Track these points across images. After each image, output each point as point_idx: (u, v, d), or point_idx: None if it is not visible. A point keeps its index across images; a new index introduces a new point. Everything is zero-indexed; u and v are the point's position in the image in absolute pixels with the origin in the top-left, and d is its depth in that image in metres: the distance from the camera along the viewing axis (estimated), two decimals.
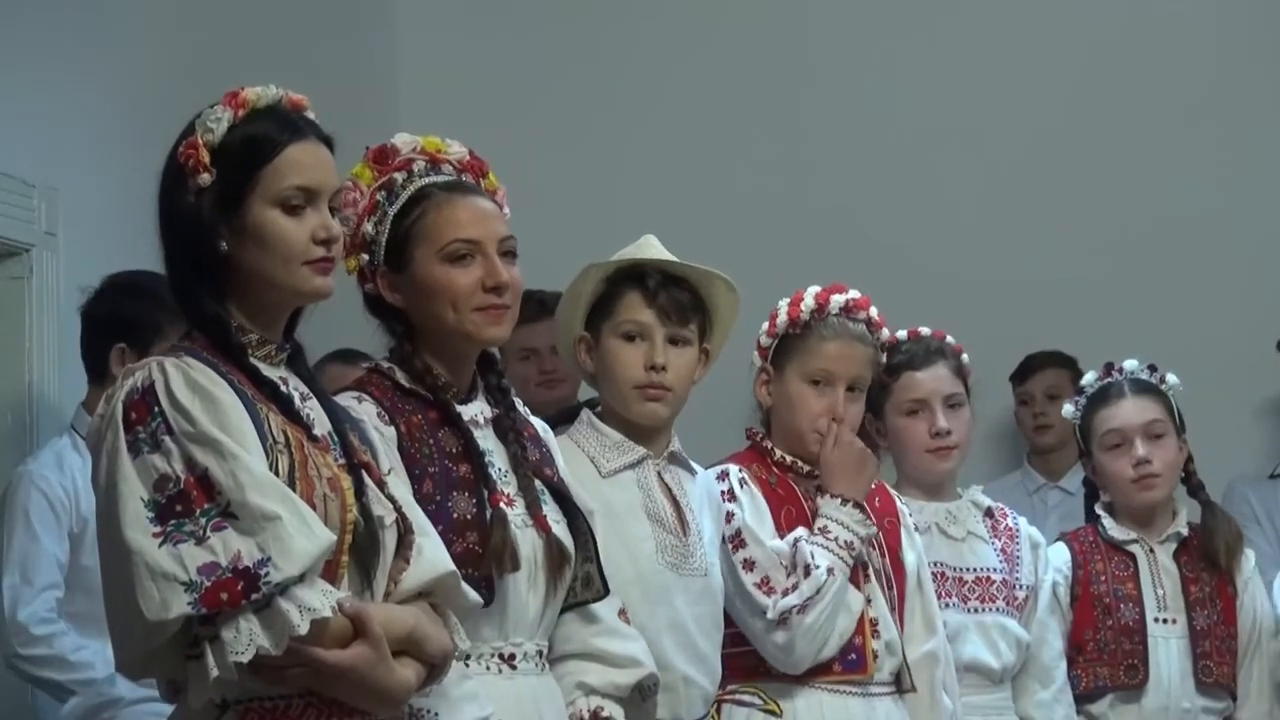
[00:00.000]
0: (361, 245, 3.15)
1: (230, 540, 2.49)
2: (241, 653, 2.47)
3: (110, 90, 5.07)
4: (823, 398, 3.83)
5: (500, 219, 3.18)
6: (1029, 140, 6.41)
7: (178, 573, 2.47)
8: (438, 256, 3.11)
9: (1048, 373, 6.13)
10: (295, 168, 2.69)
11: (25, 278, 4.82)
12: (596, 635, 3.19)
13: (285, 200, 2.68)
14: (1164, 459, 4.38)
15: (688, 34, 6.63)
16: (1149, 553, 4.39)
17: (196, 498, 2.51)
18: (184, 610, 2.46)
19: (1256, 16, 6.42)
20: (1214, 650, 4.32)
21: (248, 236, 2.67)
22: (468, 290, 3.10)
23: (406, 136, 3.22)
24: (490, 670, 3.04)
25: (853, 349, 3.85)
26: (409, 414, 3.07)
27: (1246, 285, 6.25)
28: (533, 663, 3.09)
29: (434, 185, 3.17)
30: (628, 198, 6.33)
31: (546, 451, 3.25)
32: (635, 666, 3.22)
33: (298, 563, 2.50)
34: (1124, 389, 4.43)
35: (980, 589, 4.16)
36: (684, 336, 3.60)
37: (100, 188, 4.91)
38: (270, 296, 2.72)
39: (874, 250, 6.13)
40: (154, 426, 2.56)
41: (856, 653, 3.74)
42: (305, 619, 2.49)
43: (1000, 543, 4.24)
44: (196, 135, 2.68)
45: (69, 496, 4.26)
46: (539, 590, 3.08)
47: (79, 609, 4.21)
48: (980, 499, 4.28)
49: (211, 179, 2.66)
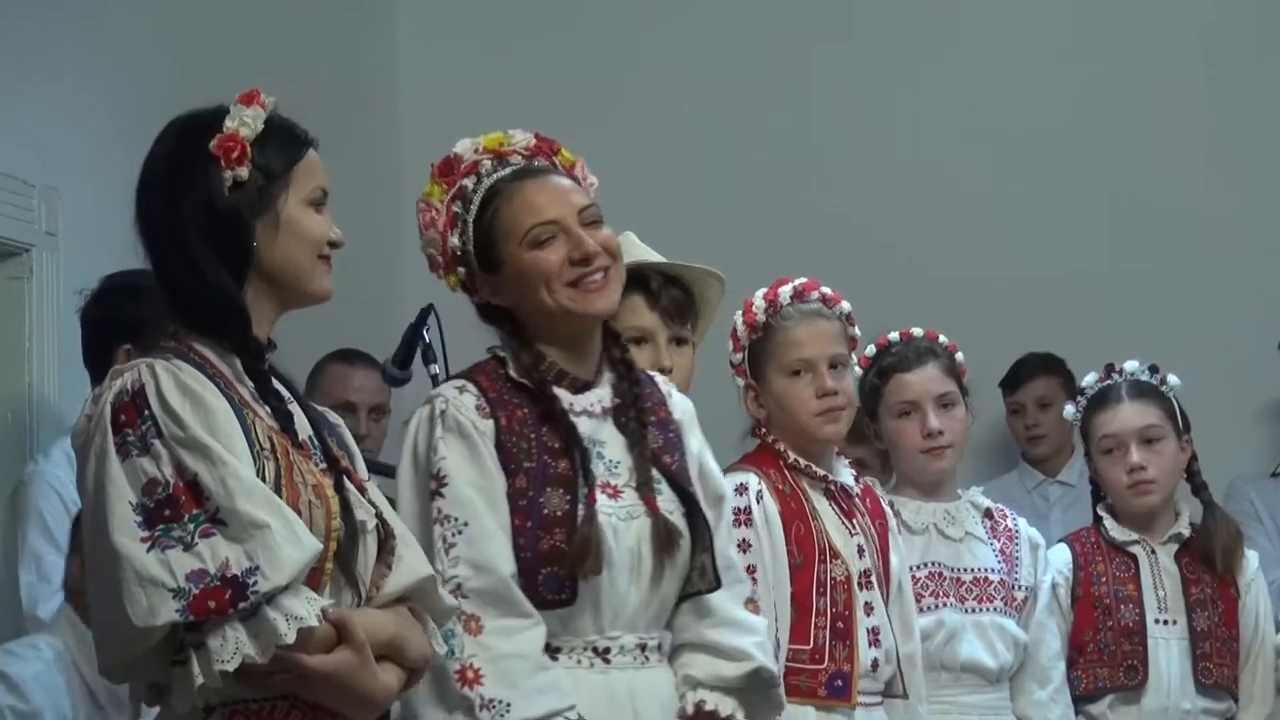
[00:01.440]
0: (454, 260, 3.14)
1: (219, 547, 2.49)
2: (227, 661, 2.47)
3: (110, 91, 5.07)
4: (810, 384, 3.80)
5: (575, 191, 3.16)
6: (1028, 141, 6.40)
7: (165, 579, 2.47)
8: (523, 245, 3.10)
9: (1038, 381, 6.12)
10: (317, 169, 2.75)
11: (25, 278, 4.82)
12: (709, 626, 3.17)
13: (313, 199, 2.73)
14: (1160, 465, 4.37)
15: (688, 37, 6.62)
16: (1150, 554, 4.39)
17: (185, 503, 2.51)
18: (171, 618, 2.46)
19: (1255, 16, 6.42)
20: (1214, 652, 4.32)
21: (280, 230, 2.69)
22: (556, 268, 3.08)
23: (467, 141, 3.20)
24: (582, 664, 3.03)
25: (817, 327, 3.82)
26: (514, 407, 3.07)
27: (1247, 286, 6.24)
28: (630, 656, 3.08)
29: (503, 179, 3.15)
30: (628, 199, 6.31)
31: (674, 436, 3.21)
32: (745, 660, 3.17)
33: (285, 572, 2.49)
34: (1121, 393, 4.41)
35: (978, 589, 4.15)
36: (684, 336, 3.62)
37: (100, 188, 4.91)
38: (279, 294, 2.72)
39: (873, 251, 6.13)
40: (144, 430, 2.55)
41: (844, 679, 3.72)
42: (292, 628, 2.49)
43: (999, 543, 4.24)
44: (233, 128, 2.67)
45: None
46: (642, 582, 3.07)
47: None
48: (980, 500, 4.28)
49: (248, 173, 2.67)
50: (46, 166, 4.81)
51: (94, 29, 5.04)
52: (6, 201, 4.73)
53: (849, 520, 3.82)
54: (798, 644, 3.67)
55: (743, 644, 3.18)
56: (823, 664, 3.69)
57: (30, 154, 4.76)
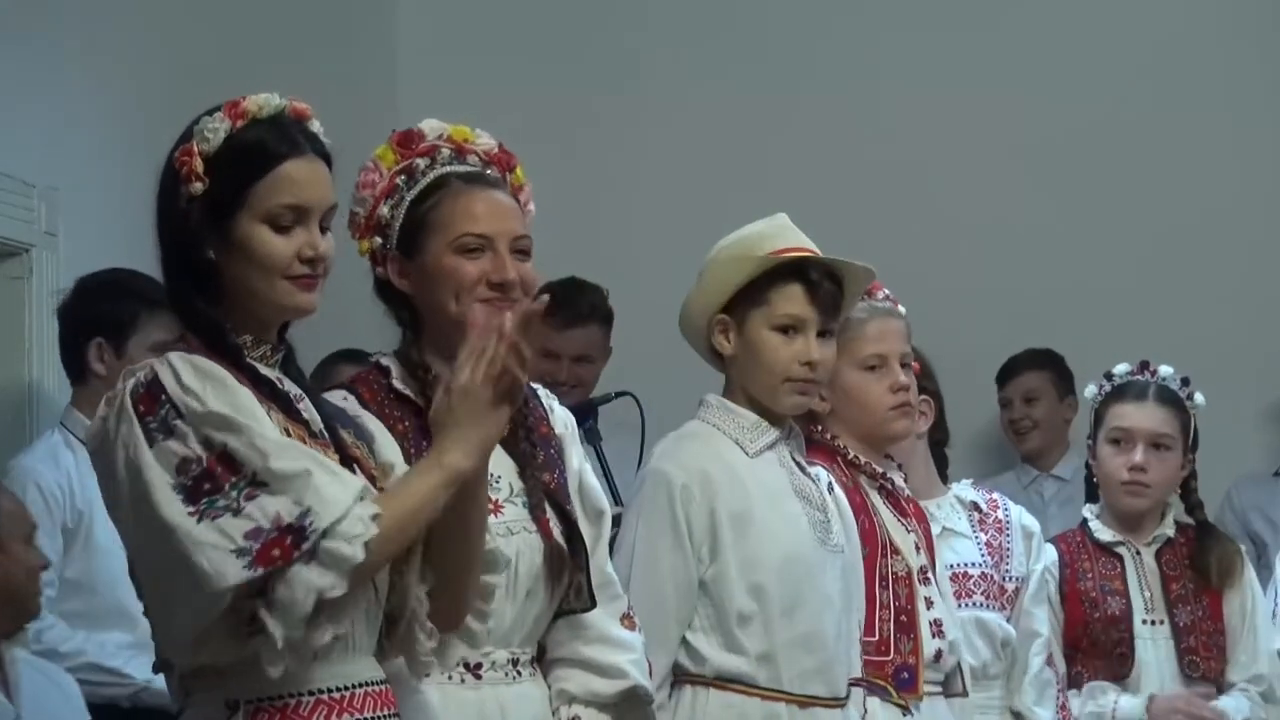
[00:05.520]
0: (376, 228, 3.10)
1: (266, 505, 2.49)
2: (302, 602, 2.47)
3: (110, 91, 5.07)
4: (884, 378, 3.81)
5: (517, 216, 3.12)
6: (1028, 141, 6.40)
7: (224, 543, 2.47)
8: (449, 247, 3.07)
9: (1028, 375, 6.14)
10: (289, 185, 2.67)
11: (25, 278, 4.82)
12: (584, 643, 3.14)
13: (274, 218, 2.66)
14: (1161, 472, 4.38)
15: (689, 39, 6.62)
16: (1135, 555, 4.41)
17: (222, 474, 2.51)
18: (241, 575, 2.46)
19: (1254, 18, 6.42)
20: (1200, 645, 4.35)
21: (234, 248, 2.65)
22: (473, 282, 3.05)
23: (435, 123, 3.16)
24: (452, 680, 3.00)
25: (890, 324, 3.85)
26: (395, 420, 3.04)
27: (1247, 286, 6.25)
28: (502, 671, 3.05)
29: (454, 174, 3.12)
30: (628, 201, 6.34)
31: (554, 453, 3.19)
32: (620, 677, 3.15)
33: (337, 507, 2.50)
34: (1148, 391, 4.42)
35: (956, 585, 4.14)
36: (831, 329, 3.60)
37: (100, 188, 4.92)
38: (255, 308, 2.70)
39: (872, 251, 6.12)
40: (163, 414, 2.55)
41: (910, 672, 3.74)
42: (356, 546, 2.49)
43: (985, 536, 4.23)
44: (193, 142, 2.66)
45: (63, 492, 4.26)
46: (517, 598, 3.05)
47: (74, 608, 4.22)
48: (967, 494, 4.26)
49: (204, 188, 2.64)
50: (46, 166, 4.81)
51: (94, 30, 5.04)
52: (6, 201, 4.73)
53: (904, 518, 3.85)
54: (865, 636, 3.68)
55: (618, 661, 3.16)
56: (888, 656, 3.71)
57: (30, 154, 4.77)
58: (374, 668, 2.69)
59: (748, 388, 3.58)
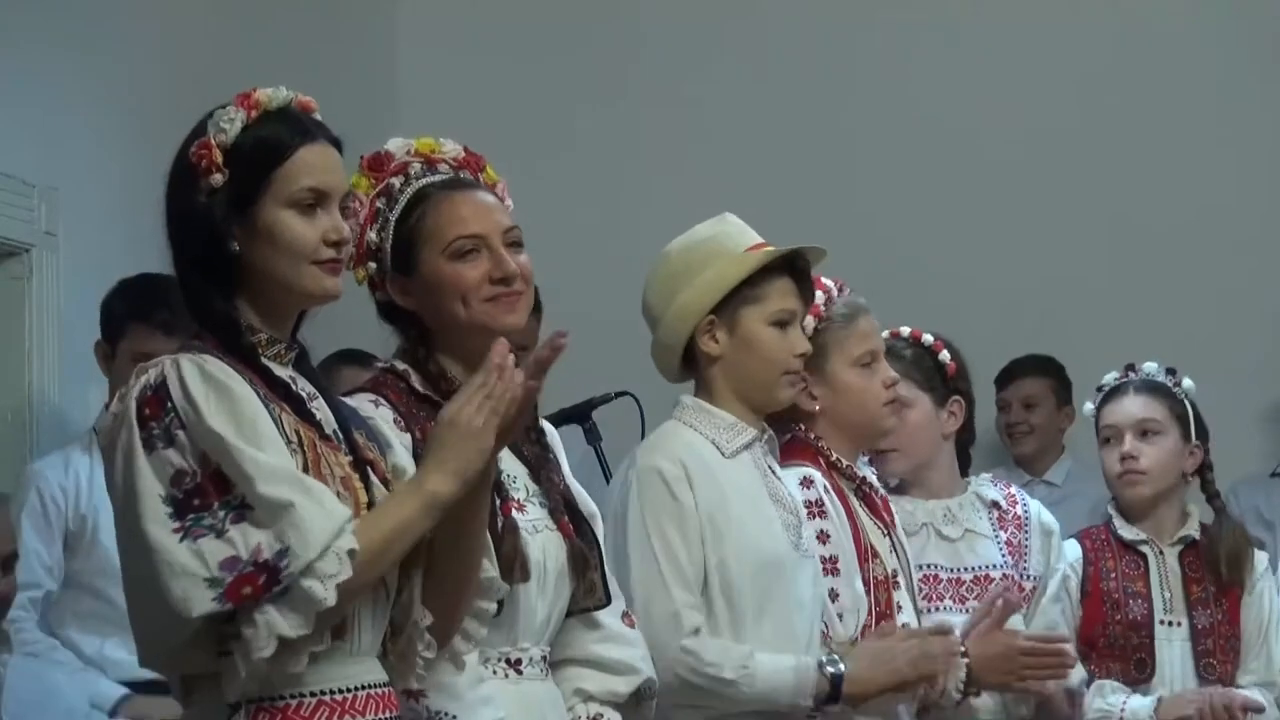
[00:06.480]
0: (368, 254, 3.12)
1: (249, 533, 2.49)
2: (263, 648, 2.47)
3: (110, 91, 5.07)
4: (877, 375, 3.81)
5: (502, 210, 3.15)
6: (1027, 141, 6.41)
7: (199, 569, 2.48)
8: (444, 255, 3.08)
9: (1027, 381, 6.17)
10: (307, 169, 2.69)
11: (25, 278, 4.83)
12: (597, 642, 3.17)
13: (298, 201, 2.67)
14: (1154, 457, 4.38)
15: (689, 39, 6.63)
16: (1159, 555, 4.41)
17: (213, 491, 2.52)
18: (208, 608, 2.47)
19: (1252, 17, 6.42)
20: (1217, 649, 4.34)
21: (259, 237, 2.66)
22: (476, 283, 3.07)
23: (399, 141, 3.19)
24: (497, 675, 3.03)
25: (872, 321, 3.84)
26: (424, 420, 3.04)
27: (1247, 287, 6.25)
28: (538, 668, 3.09)
29: (432, 185, 3.14)
30: (628, 202, 6.34)
31: (553, 457, 3.23)
32: (633, 673, 3.19)
33: (316, 546, 2.50)
34: (1129, 387, 4.44)
35: (979, 588, 4.11)
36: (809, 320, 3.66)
37: (100, 188, 4.92)
38: (280, 297, 2.71)
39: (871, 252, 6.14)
40: (168, 422, 2.55)
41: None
42: (330, 587, 2.49)
43: (1005, 534, 4.21)
44: (209, 135, 2.67)
45: (65, 495, 4.27)
46: (548, 596, 3.08)
47: (83, 608, 4.23)
48: (986, 491, 4.24)
49: (224, 179, 2.66)
50: (46, 166, 4.81)
51: (94, 29, 5.05)
52: (6, 201, 4.73)
53: (879, 520, 3.84)
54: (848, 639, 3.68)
55: (630, 657, 3.20)
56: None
57: (30, 154, 4.77)
58: (377, 670, 2.69)
59: (741, 385, 3.58)
